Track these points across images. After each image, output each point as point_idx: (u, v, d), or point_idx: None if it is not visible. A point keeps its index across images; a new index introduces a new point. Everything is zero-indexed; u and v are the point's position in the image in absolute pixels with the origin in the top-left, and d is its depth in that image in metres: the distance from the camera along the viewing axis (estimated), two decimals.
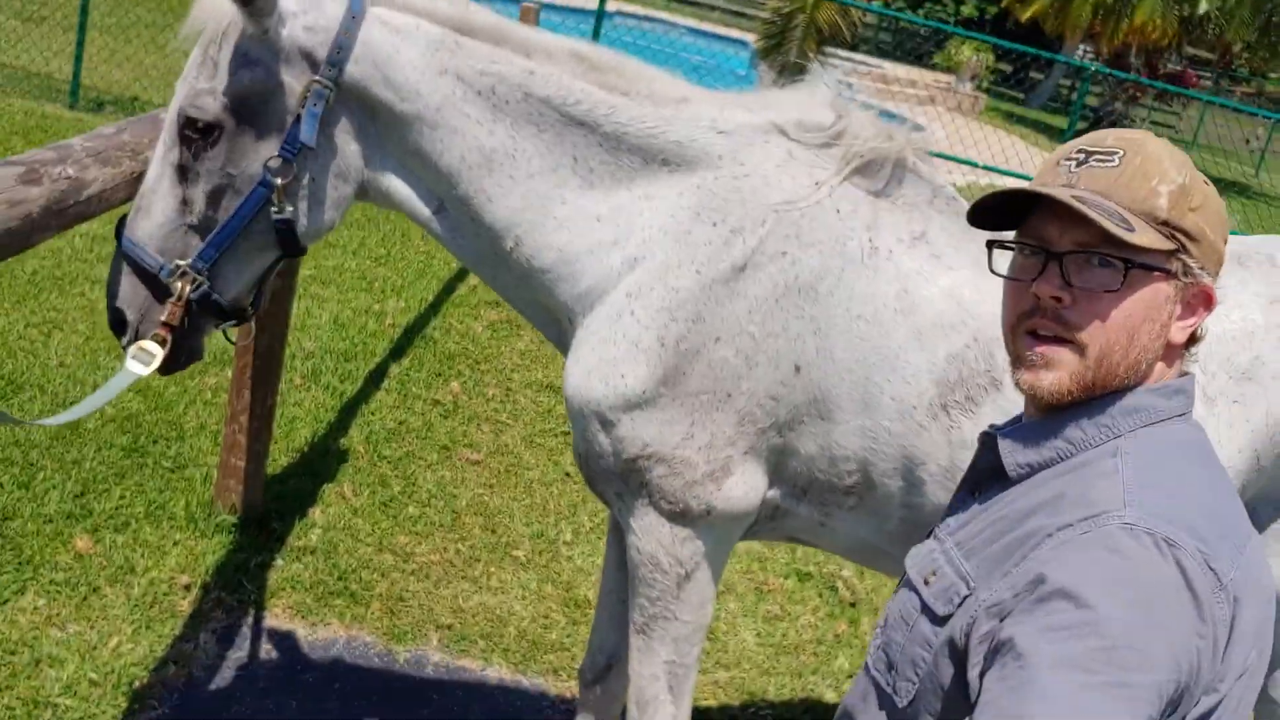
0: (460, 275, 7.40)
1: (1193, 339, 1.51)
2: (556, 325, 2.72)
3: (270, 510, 4.44)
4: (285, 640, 3.85)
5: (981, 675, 1.33)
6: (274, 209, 2.39)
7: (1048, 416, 1.51)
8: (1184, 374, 1.54)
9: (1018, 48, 11.14)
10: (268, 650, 3.78)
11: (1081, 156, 1.50)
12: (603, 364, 2.50)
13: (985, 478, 1.58)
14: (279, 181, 2.37)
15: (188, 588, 3.94)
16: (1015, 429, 1.55)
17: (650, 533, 2.58)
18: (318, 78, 2.37)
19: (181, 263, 2.40)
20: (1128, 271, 1.43)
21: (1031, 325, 1.48)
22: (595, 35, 10.32)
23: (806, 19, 14.76)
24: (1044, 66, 28.86)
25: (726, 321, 2.49)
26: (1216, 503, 1.41)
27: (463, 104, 2.45)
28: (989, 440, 1.56)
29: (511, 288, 2.69)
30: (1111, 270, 1.44)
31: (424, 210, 2.58)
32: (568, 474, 5.28)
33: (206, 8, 2.36)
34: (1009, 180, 11.54)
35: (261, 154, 2.38)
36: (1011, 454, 1.51)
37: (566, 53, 2.55)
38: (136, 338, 2.45)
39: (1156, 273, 1.44)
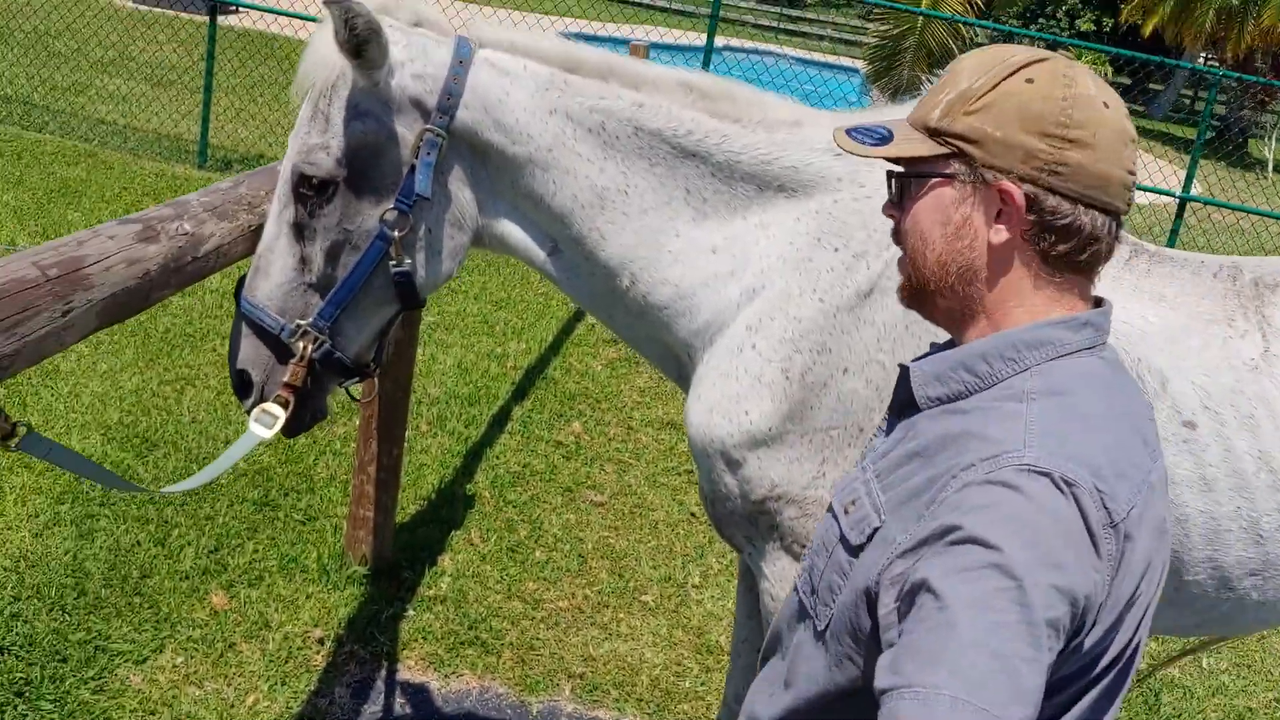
0: (579, 315, 7.37)
1: (1071, 258, 1.47)
2: (676, 362, 2.63)
3: (400, 560, 4.42)
4: (419, 693, 3.80)
5: (897, 615, 1.35)
6: (392, 262, 2.36)
7: (955, 347, 1.54)
8: (1099, 304, 1.54)
9: (1139, 56, 10.72)
10: (402, 704, 3.74)
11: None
12: (725, 400, 2.40)
13: (905, 405, 1.59)
14: (396, 234, 2.33)
15: (321, 641, 3.92)
16: (928, 360, 1.55)
17: (784, 579, 2.46)
18: (429, 126, 2.33)
19: (302, 322, 2.37)
20: (894, 183, 1.56)
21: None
22: (705, 70, 10.25)
23: (916, 40, 14.51)
24: (1164, 77, 28.01)
25: (855, 351, 2.38)
26: (1118, 439, 1.42)
27: (573, 143, 2.40)
28: (904, 371, 1.56)
29: (629, 326, 2.61)
30: (915, 182, 1.53)
31: (539, 253, 2.53)
32: (693, 514, 5.18)
33: (315, 60, 2.34)
34: (1141, 197, 11.15)
35: (377, 207, 2.35)
36: (922, 387, 1.53)
37: (675, 83, 2.47)
38: (261, 399, 2.43)
39: (932, 179, 1.50)
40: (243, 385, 2.46)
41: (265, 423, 2.38)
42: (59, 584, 3.91)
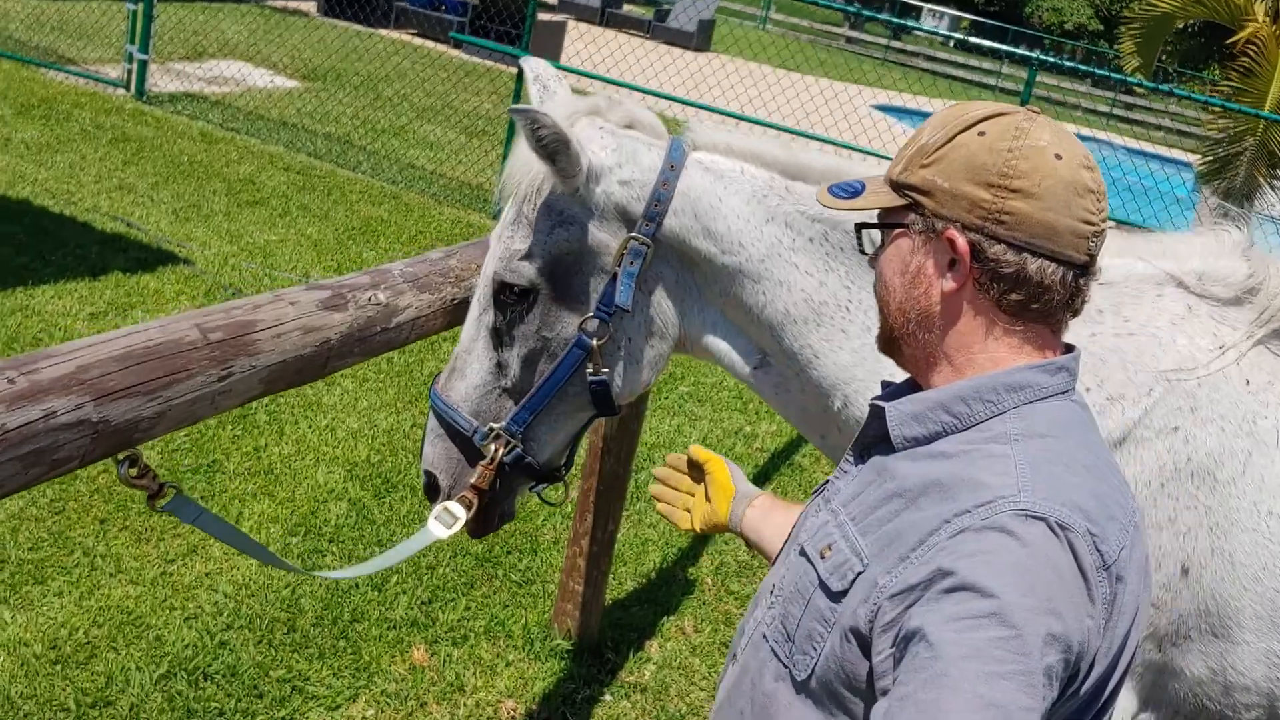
0: None
1: (1025, 305, 1.49)
2: None
3: (606, 638, 4.28)
4: None
5: (893, 662, 1.33)
6: (589, 371, 2.28)
7: (919, 390, 1.56)
8: (1069, 349, 1.56)
9: None
10: None
11: None
12: None
13: (872, 444, 1.59)
14: (595, 343, 2.25)
15: (512, 715, 3.82)
16: (905, 400, 1.54)
17: None
18: (635, 235, 2.24)
19: (496, 425, 2.32)
20: (860, 234, 1.70)
21: None
22: None
23: (1257, 141, 13.44)
24: None
25: None
26: (1101, 483, 1.44)
27: (791, 254, 2.26)
28: (877, 410, 1.56)
29: (841, 449, 2.39)
30: (862, 239, 1.70)
31: (744, 367, 2.37)
32: None
33: (519, 163, 2.27)
34: None
35: (577, 315, 2.27)
36: (899, 427, 1.52)
37: (816, 173, 2.28)
38: (446, 497, 2.39)
39: (894, 229, 1.56)
40: (431, 488, 2.41)
41: (445, 521, 2.36)
42: (272, 617, 3.99)
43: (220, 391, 1.86)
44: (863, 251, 1.70)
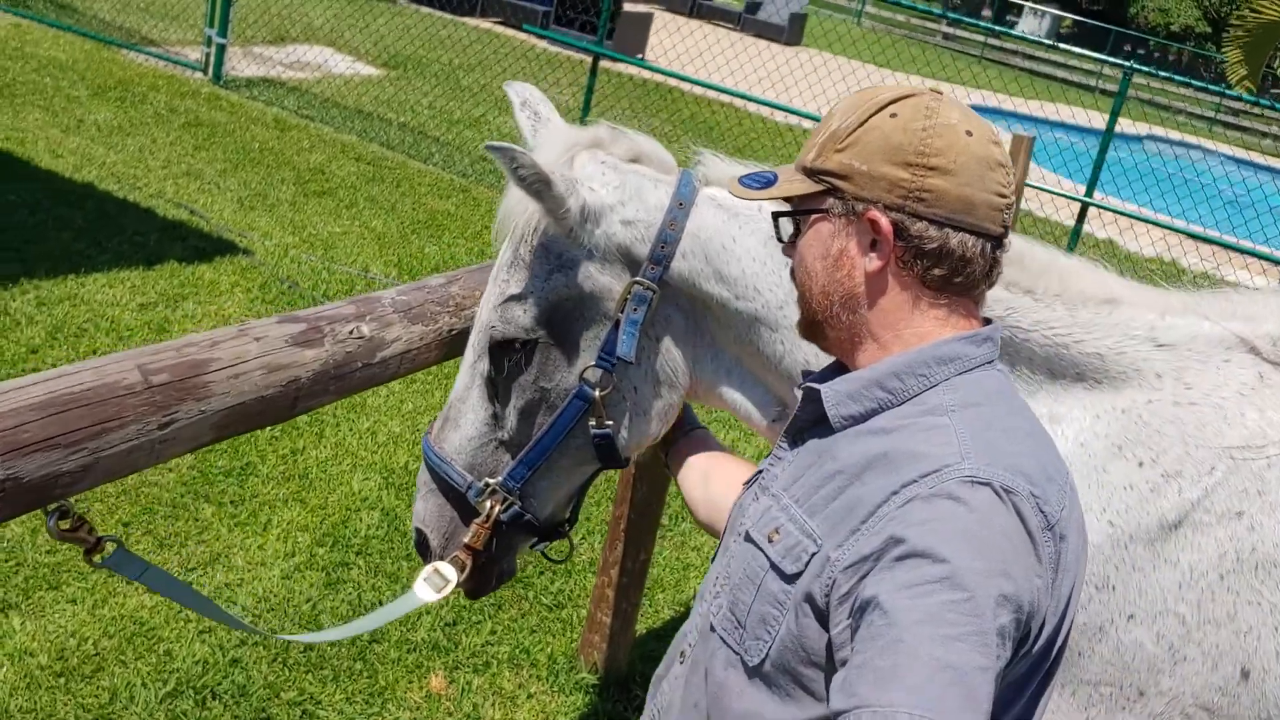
0: None
1: (948, 280, 1.52)
2: None
3: (635, 671, 4.09)
4: None
5: (850, 633, 1.35)
6: (592, 423, 2.09)
7: (857, 368, 1.57)
8: (988, 321, 1.60)
9: None
10: None
11: None
12: None
13: (805, 429, 1.60)
14: (597, 394, 2.06)
15: None
16: (838, 380, 1.56)
17: None
18: (638, 280, 2.05)
19: (492, 481, 2.16)
20: (777, 222, 1.66)
21: None
22: (1099, 161, 9.39)
23: None
24: None
25: (1146, 595, 1.91)
26: (1037, 447, 1.48)
27: None
28: (811, 393, 1.56)
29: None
30: (779, 227, 1.66)
31: (762, 419, 2.18)
32: None
33: (513, 201, 2.08)
34: None
35: (576, 365, 2.09)
36: (835, 406, 1.53)
37: None
38: (439, 558, 2.24)
39: (815, 214, 1.57)
40: (421, 545, 2.25)
41: (434, 584, 2.18)
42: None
43: (162, 440, 1.69)
44: (779, 240, 1.68)
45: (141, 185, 7.69)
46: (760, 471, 1.70)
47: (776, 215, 1.66)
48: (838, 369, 1.64)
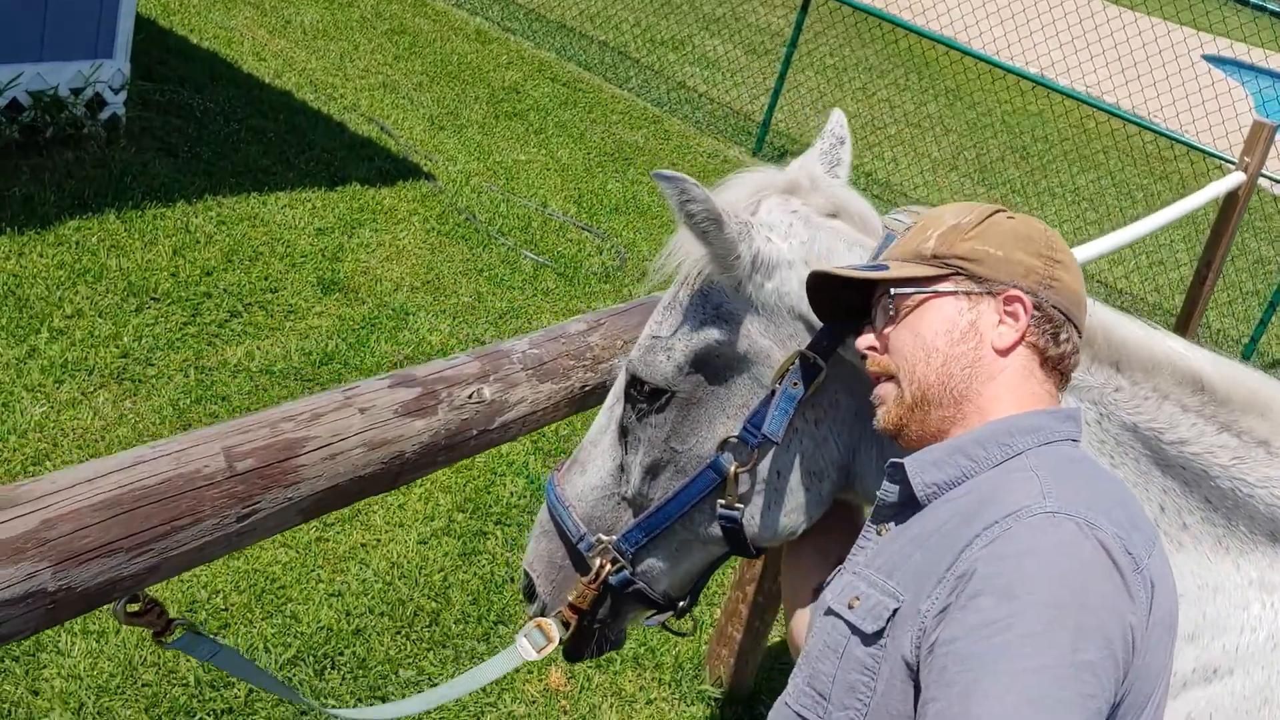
0: None
1: (1059, 364, 1.59)
2: None
3: (761, 690, 3.93)
4: None
5: (931, 676, 1.31)
6: (722, 501, 1.87)
7: (939, 443, 1.56)
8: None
9: None
10: None
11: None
12: None
13: (889, 514, 1.59)
14: (733, 469, 1.83)
15: None
16: (918, 453, 1.56)
17: None
18: (807, 351, 1.79)
19: (606, 538, 1.97)
20: (893, 301, 1.63)
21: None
22: None
23: None
24: None
25: None
26: (1124, 500, 1.46)
27: None
28: (896, 470, 1.57)
29: None
30: (895, 307, 1.63)
31: None
32: None
33: (682, 239, 1.86)
34: None
35: (716, 431, 1.86)
36: (919, 474, 1.53)
37: (1182, 372, 1.75)
38: (544, 612, 2.06)
39: (928, 294, 1.60)
40: (528, 589, 2.09)
41: (535, 641, 2.02)
42: (417, 606, 3.81)
43: (239, 532, 1.57)
44: (869, 327, 1.70)
45: (338, 96, 7.71)
46: (840, 569, 1.66)
47: (887, 285, 1.65)
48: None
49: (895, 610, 1.43)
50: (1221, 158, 8.32)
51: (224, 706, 3.27)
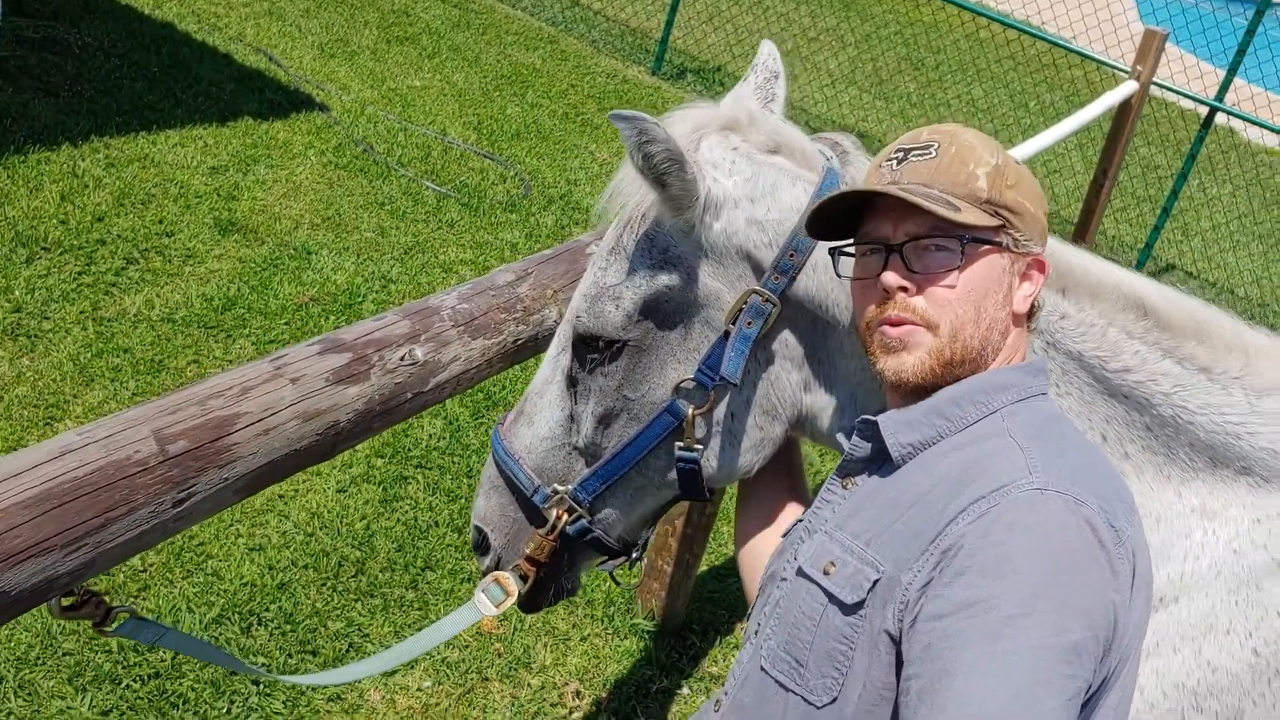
0: None
1: (1031, 312, 1.59)
2: None
3: (692, 619, 3.96)
4: None
5: (915, 651, 1.31)
6: (679, 444, 1.83)
7: (915, 400, 1.53)
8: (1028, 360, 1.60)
9: None
10: None
11: (901, 155, 1.58)
12: None
13: (859, 468, 1.57)
14: (690, 412, 1.80)
15: (579, 695, 3.55)
16: (891, 412, 1.54)
17: None
18: (758, 289, 1.76)
19: (561, 489, 1.92)
20: (964, 249, 1.52)
21: (885, 318, 1.54)
22: (1244, 43, 8.62)
23: None
24: None
25: None
26: (1101, 468, 1.46)
27: None
28: (868, 426, 1.54)
29: None
30: (948, 252, 1.52)
31: None
32: None
33: (625, 179, 1.81)
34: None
35: (669, 376, 1.82)
36: (894, 434, 1.51)
37: (1126, 298, 1.76)
38: (497, 566, 2.02)
39: (988, 246, 1.52)
40: (479, 545, 2.05)
41: (494, 596, 1.99)
42: (341, 556, 3.75)
43: (176, 518, 1.50)
44: (839, 275, 1.66)
45: (222, 26, 7.41)
46: (800, 520, 1.64)
47: (964, 241, 1.53)
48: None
49: (875, 581, 1.41)
50: (1114, 66, 8.42)
51: (150, 671, 3.19)
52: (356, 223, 5.65)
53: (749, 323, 1.76)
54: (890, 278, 1.53)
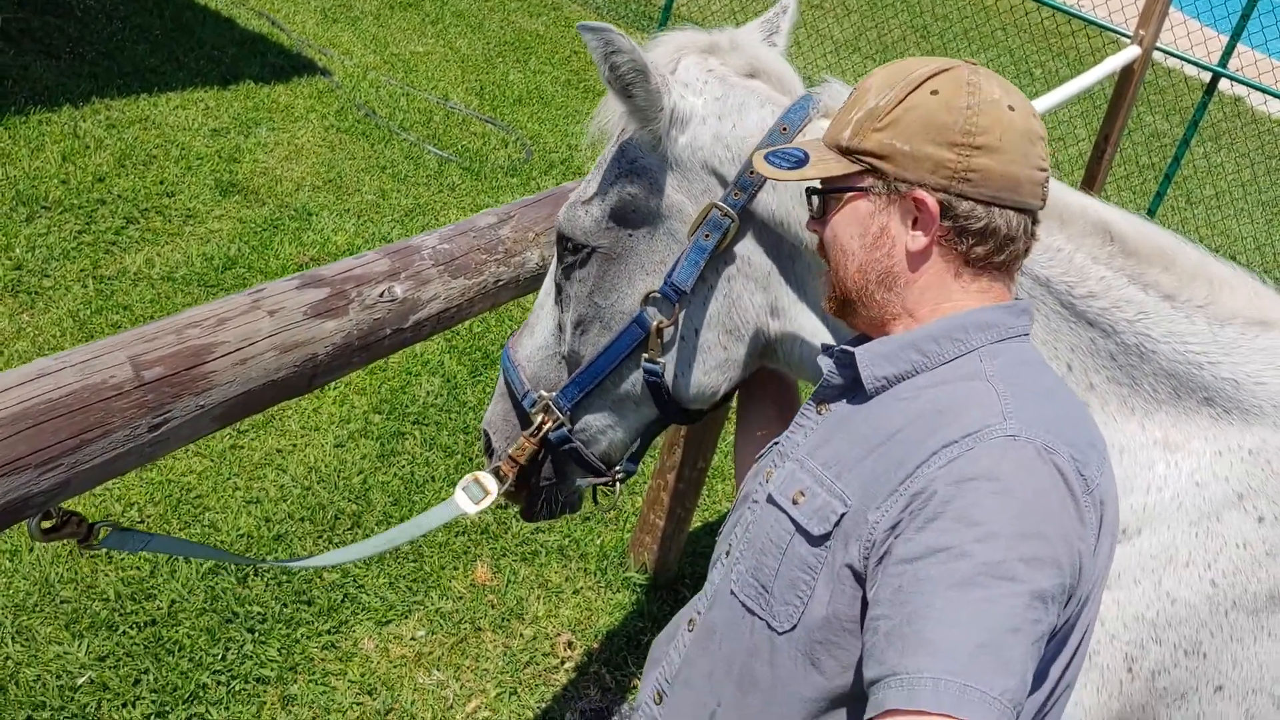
0: None
1: (986, 259, 1.50)
2: None
3: (685, 571, 4.00)
4: None
5: (883, 593, 1.31)
6: (646, 356, 1.89)
7: (894, 333, 1.54)
8: (1016, 299, 1.58)
9: None
10: None
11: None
12: None
13: (833, 395, 1.58)
14: (655, 324, 1.85)
15: (570, 645, 3.59)
16: (871, 343, 1.54)
17: None
18: (717, 203, 1.81)
19: (546, 395, 2.00)
20: (813, 200, 1.59)
21: None
22: (1249, 7, 8.59)
23: None
24: None
25: (1241, 668, 1.71)
26: (1076, 414, 1.46)
27: None
28: (845, 356, 1.54)
29: None
30: (812, 203, 1.60)
31: None
32: None
33: (608, 98, 1.87)
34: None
35: (638, 286, 1.88)
36: (870, 367, 1.51)
37: (1091, 224, 1.78)
38: (498, 472, 2.09)
39: (846, 194, 1.53)
40: (487, 448, 2.16)
41: (473, 495, 2.03)
42: (338, 510, 3.79)
43: (152, 443, 1.53)
44: (814, 217, 1.61)
45: None
46: (776, 442, 1.65)
47: (810, 192, 1.60)
48: (865, 340, 1.60)
49: (842, 515, 1.42)
50: (1117, 31, 8.38)
51: (146, 618, 3.24)
52: (357, 185, 5.67)
53: (706, 235, 1.82)
54: (808, 223, 1.65)
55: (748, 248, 1.86)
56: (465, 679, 3.39)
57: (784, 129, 1.79)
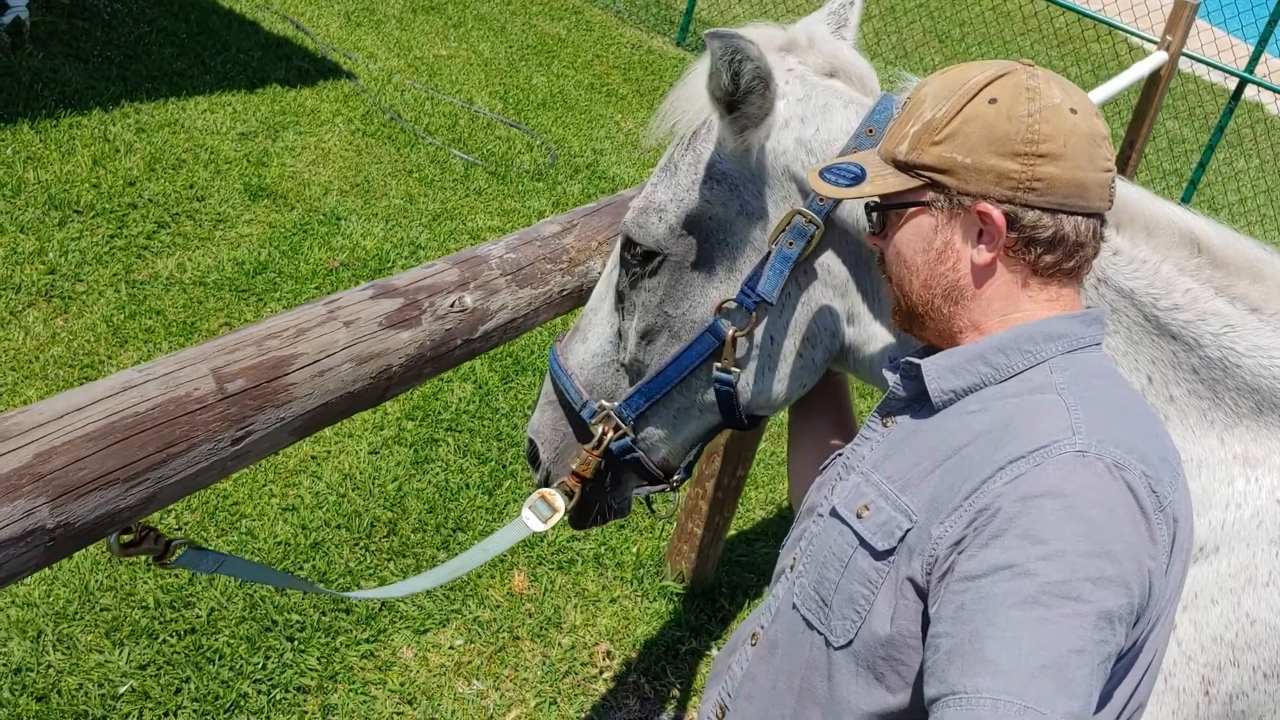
0: None
1: (1054, 267, 1.46)
2: None
3: (721, 581, 3.97)
4: None
5: (946, 611, 1.28)
6: (718, 365, 1.84)
7: (962, 345, 1.51)
8: (1088, 307, 1.55)
9: None
10: None
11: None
12: None
13: (899, 408, 1.56)
14: (730, 333, 1.81)
15: (609, 655, 3.57)
16: (937, 355, 1.51)
17: None
18: (802, 210, 1.75)
19: (608, 405, 1.94)
20: (872, 215, 1.56)
21: None
22: (1275, 13, 8.57)
23: None
24: None
25: None
26: (1150, 427, 1.41)
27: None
28: (910, 368, 1.52)
29: None
30: (871, 218, 1.57)
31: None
32: None
33: (685, 98, 1.84)
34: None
35: (711, 295, 1.83)
36: (937, 380, 1.48)
37: (1180, 234, 1.73)
38: (547, 482, 2.05)
39: (908, 209, 1.50)
40: (532, 456, 2.09)
41: (540, 513, 2.01)
42: (373, 517, 3.77)
43: (234, 455, 1.51)
44: (873, 232, 1.58)
45: None
46: (839, 455, 1.63)
47: (869, 207, 1.57)
48: (933, 351, 1.57)
49: (907, 530, 1.40)
50: (1142, 36, 8.35)
51: (186, 627, 3.22)
52: (385, 189, 5.65)
53: (790, 243, 1.76)
54: (873, 239, 1.61)
55: (830, 255, 1.81)
56: (505, 688, 3.37)
57: (870, 131, 1.75)
